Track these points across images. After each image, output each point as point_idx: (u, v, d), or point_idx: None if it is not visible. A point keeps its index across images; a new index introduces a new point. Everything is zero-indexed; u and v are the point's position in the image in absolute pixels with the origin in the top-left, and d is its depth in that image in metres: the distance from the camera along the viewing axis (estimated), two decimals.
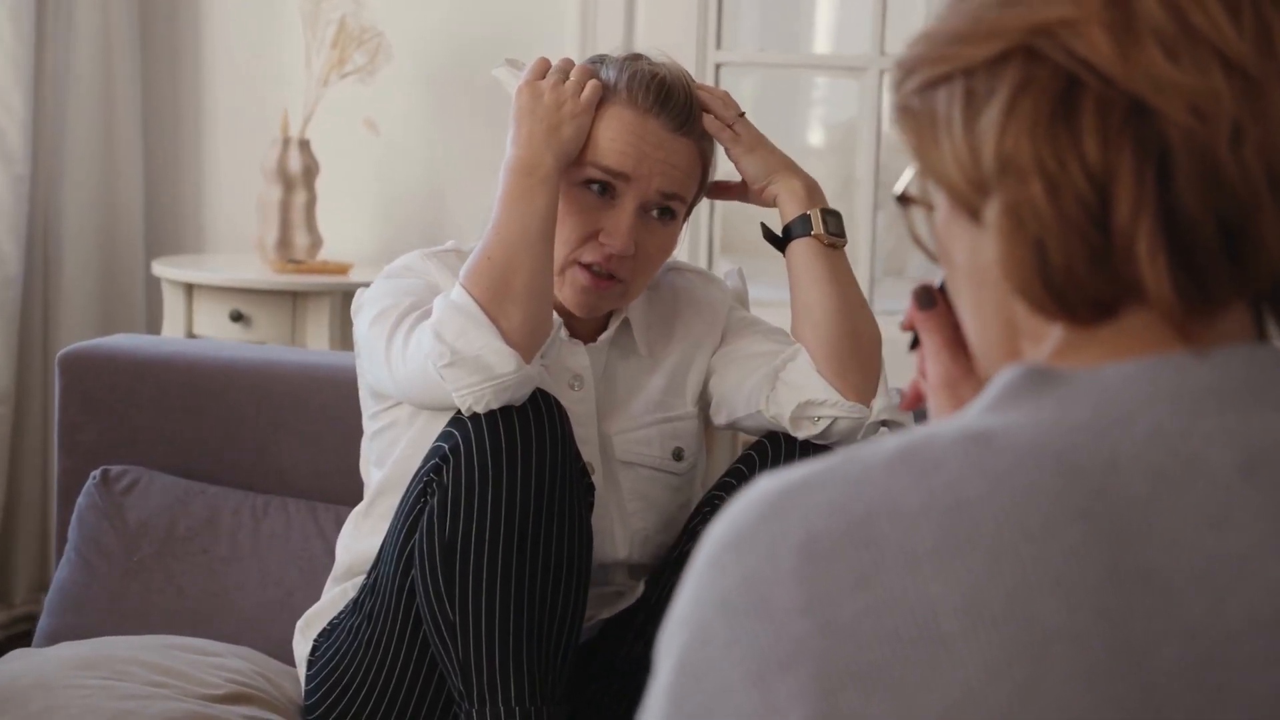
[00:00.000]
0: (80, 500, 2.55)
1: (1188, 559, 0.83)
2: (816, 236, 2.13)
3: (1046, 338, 0.93)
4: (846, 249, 2.17)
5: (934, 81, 0.92)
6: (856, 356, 2.10)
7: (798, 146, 5.68)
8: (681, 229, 2.19)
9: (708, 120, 2.16)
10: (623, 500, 2.19)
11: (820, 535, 0.84)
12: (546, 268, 2.05)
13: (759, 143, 2.18)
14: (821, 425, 2.08)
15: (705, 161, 2.16)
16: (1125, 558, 0.83)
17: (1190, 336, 0.88)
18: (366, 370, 2.16)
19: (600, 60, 2.17)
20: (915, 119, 0.94)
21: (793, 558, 0.84)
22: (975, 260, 0.93)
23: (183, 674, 2.15)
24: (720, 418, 2.22)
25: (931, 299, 1.07)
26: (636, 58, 2.16)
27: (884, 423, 2.12)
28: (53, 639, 2.41)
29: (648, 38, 3.80)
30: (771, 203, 2.18)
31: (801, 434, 2.09)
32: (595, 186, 2.11)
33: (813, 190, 2.17)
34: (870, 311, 2.17)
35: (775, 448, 2.10)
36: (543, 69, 2.15)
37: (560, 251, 2.10)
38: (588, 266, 2.10)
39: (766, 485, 0.88)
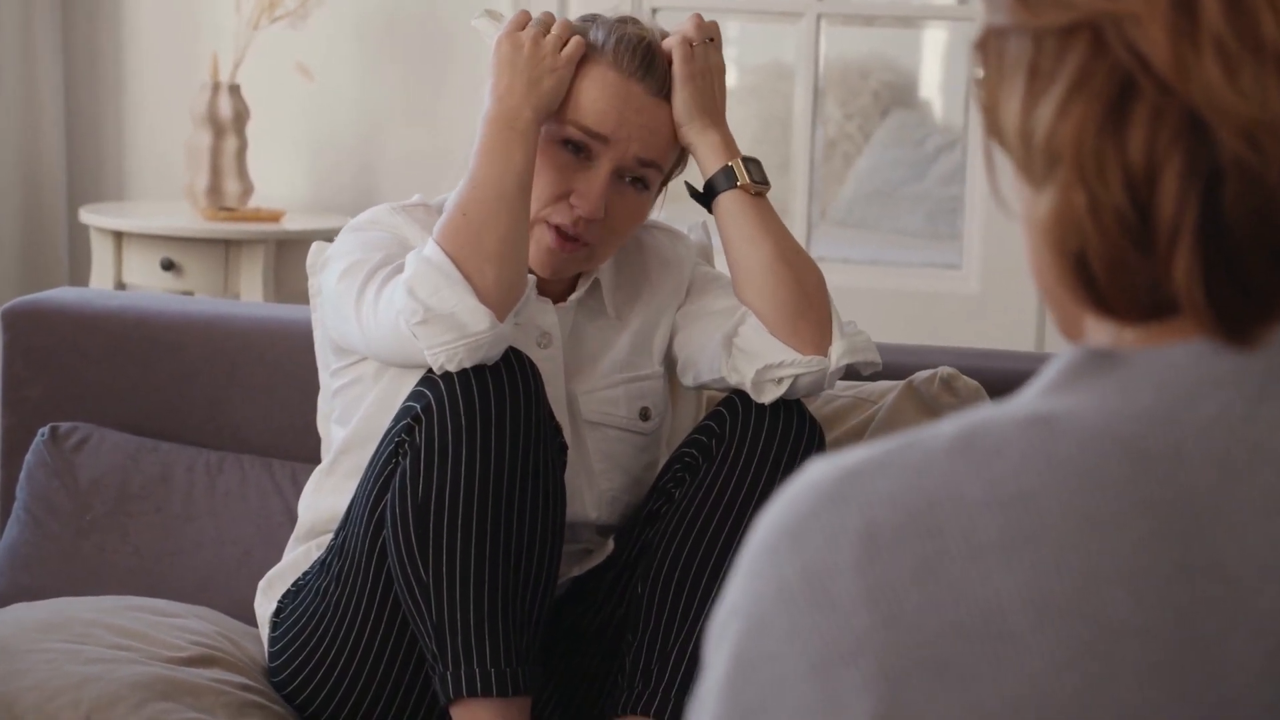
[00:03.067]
0: (28, 458, 2.49)
1: (1255, 548, 0.82)
2: (743, 187, 2.11)
3: None
4: (786, 197, 2.15)
5: (1007, 30, 0.90)
6: (805, 309, 2.08)
7: None
8: (655, 199, 2.16)
9: (673, 33, 2.13)
10: (589, 460, 2.18)
11: (881, 525, 0.83)
12: (522, 224, 2.02)
13: (703, 77, 2.12)
14: (784, 385, 2.07)
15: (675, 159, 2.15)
16: (1193, 549, 0.82)
17: (1237, 341, 0.86)
18: (332, 325, 2.12)
19: (591, 19, 2.15)
20: (986, 60, 0.92)
21: (854, 548, 0.83)
22: (1031, 220, 0.91)
23: (146, 636, 2.12)
24: (688, 379, 2.21)
25: None
26: (626, 21, 2.14)
27: (848, 366, 2.11)
28: (4, 600, 2.36)
29: None
30: (686, 147, 2.14)
31: (767, 398, 2.07)
32: (571, 146, 2.08)
33: (729, 142, 2.13)
34: (809, 256, 2.15)
35: (745, 402, 2.08)
36: (523, 21, 2.12)
37: (531, 209, 2.07)
38: (555, 227, 2.08)
39: (823, 470, 0.86)
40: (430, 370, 1.97)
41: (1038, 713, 0.81)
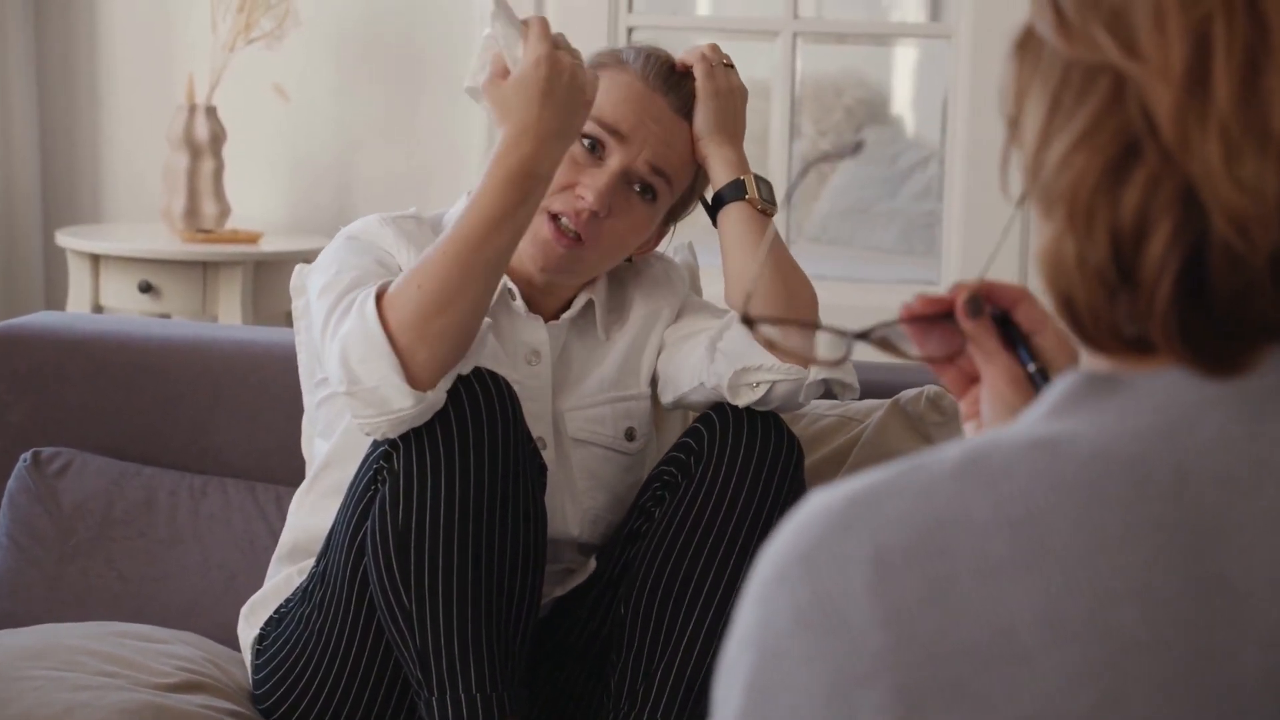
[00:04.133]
0: (10, 484, 2.48)
1: (1262, 564, 0.83)
2: (750, 200, 2.13)
3: None
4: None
5: (1045, 44, 0.90)
6: (792, 317, 2.09)
7: None
8: (657, 219, 2.17)
9: (689, 51, 2.15)
10: (573, 478, 2.17)
11: (891, 548, 0.84)
12: (481, 308, 1.92)
13: (726, 97, 2.15)
14: (760, 391, 2.07)
15: (695, 178, 2.17)
16: (1201, 565, 0.83)
17: (1222, 374, 0.86)
18: (315, 338, 2.10)
19: (620, 49, 2.19)
20: (1023, 62, 0.92)
21: (865, 572, 0.84)
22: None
23: (133, 663, 2.10)
24: (667, 396, 2.20)
25: (979, 308, 1.08)
26: (654, 47, 2.18)
27: (824, 381, 2.11)
28: None
29: None
30: (701, 161, 2.17)
31: (741, 401, 2.07)
32: (587, 141, 2.09)
33: (744, 160, 2.17)
34: (805, 276, 2.16)
35: (723, 420, 2.08)
36: (558, 38, 1.98)
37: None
38: (555, 218, 2.07)
39: (829, 497, 0.87)
40: None
41: None
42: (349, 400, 1.92)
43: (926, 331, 1.13)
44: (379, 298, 1.92)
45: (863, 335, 1.13)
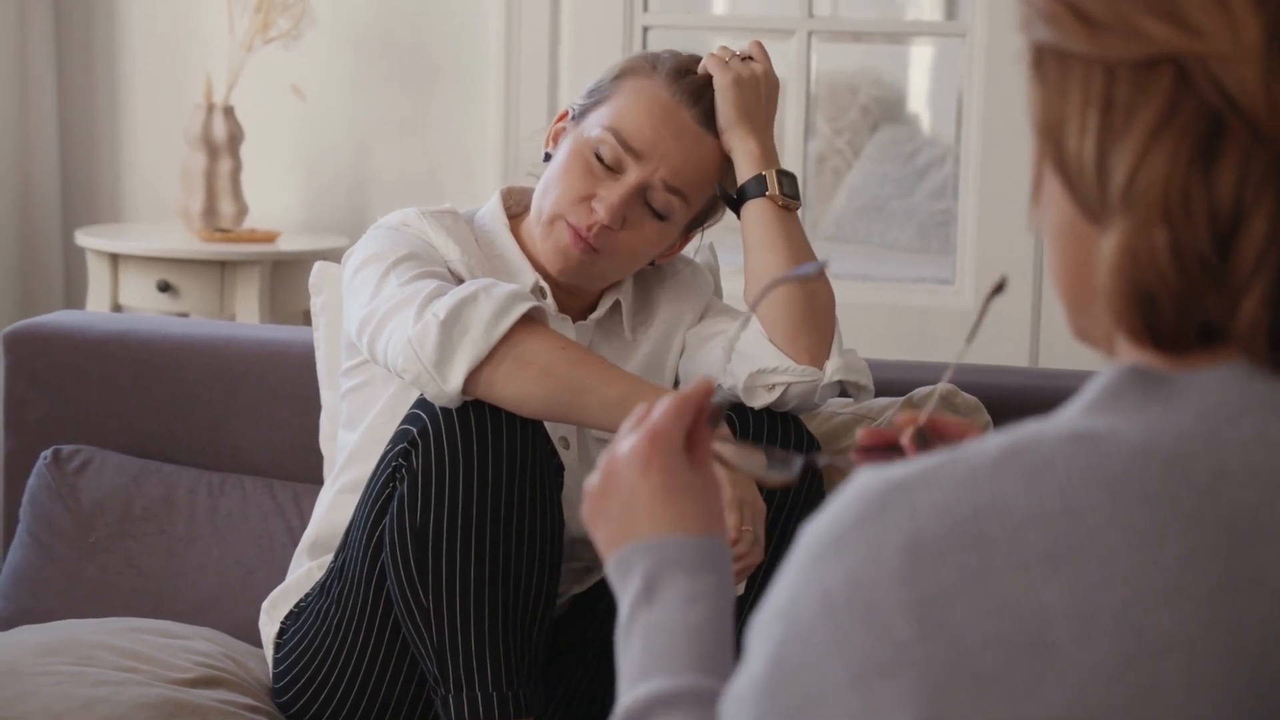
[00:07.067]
0: (31, 481, 2.50)
1: None
2: (771, 197, 2.11)
3: None
4: None
5: (1070, 55, 0.89)
6: (810, 319, 2.09)
7: None
8: (677, 233, 2.16)
9: (707, 56, 2.13)
10: None
11: (926, 537, 0.84)
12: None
13: (747, 86, 2.12)
14: (776, 393, 2.07)
15: (723, 173, 2.13)
16: (1236, 564, 0.83)
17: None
18: (347, 317, 2.10)
19: (654, 55, 2.16)
20: (1045, 82, 0.90)
21: (897, 559, 0.84)
22: (1079, 252, 0.91)
23: (151, 658, 2.12)
24: None
25: (926, 442, 1.13)
26: (690, 55, 2.15)
27: (840, 383, 2.12)
28: (9, 623, 2.37)
29: None
30: (728, 153, 2.15)
31: (757, 403, 2.08)
32: (604, 156, 2.08)
33: (768, 152, 2.13)
34: (825, 276, 2.16)
35: (743, 421, 2.09)
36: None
37: (552, 204, 2.09)
38: (573, 227, 2.09)
39: (870, 480, 0.87)
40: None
41: None
42: (422, 330, 1.94)
43: (879, 459, 1.14)
44: (530, 317, 1.96)
45: (809, 464, 1.17)
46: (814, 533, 0.87)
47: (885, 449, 1.15)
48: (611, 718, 1.06)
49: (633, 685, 1.05)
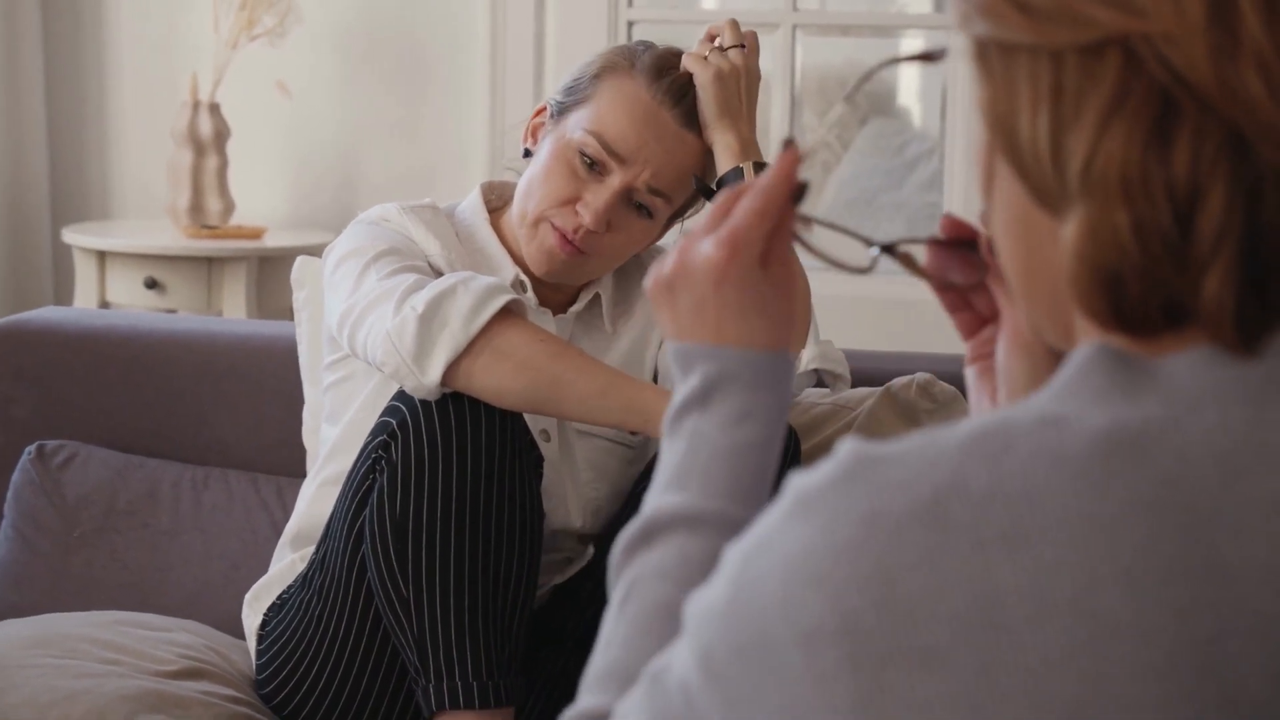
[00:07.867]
0: (15, 476, 2.51)
1: (1257, 547, 0.83)
2: None
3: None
4: None
5: (1014, 46, 0.89)
6: None
7: None
8: (661, 229, 2.17)
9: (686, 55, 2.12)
10: (576, 470, 2.19)
11: (884, 512, 0.84)
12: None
13: (728, 80, 2.10)
14: None
15: (705, 169, 2.12)
16: (1194, 549, 0.83)
17: (1246, 350, 0.87)
18: (329, 311, 2.11)
19: (643, 43, 2.15)
20: (991, 76, 0.90)
21: (852, 530, 0.84)
22: (1032, 243, 0.91)
23: (134, 650, 2.13)
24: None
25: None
26: (672, 49, 2.13)
27: (816, 371, 2.12)
28: None
29: None
30: (708, 144, 2.14)
31: None
32: (587, 160, 2.08)
33: (748, 145, 2.12)
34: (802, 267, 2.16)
35: None
36: None
37: (536, 206, 2.09)
38: (558, 230, 2.09)
39: (850, 449, 0.88)
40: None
41: (1032, 708, 0.82)
42: (403, 318, 1.95)
43: (949, 259, 1.11)
44: (509, 310, 1.97)
45: (888, 248, 1.12)
46: (793, 488, 0.88)
47: (961, 243, 1.10)
48: (633, 519, 1.07)
49: (665, 490, 1.06)
